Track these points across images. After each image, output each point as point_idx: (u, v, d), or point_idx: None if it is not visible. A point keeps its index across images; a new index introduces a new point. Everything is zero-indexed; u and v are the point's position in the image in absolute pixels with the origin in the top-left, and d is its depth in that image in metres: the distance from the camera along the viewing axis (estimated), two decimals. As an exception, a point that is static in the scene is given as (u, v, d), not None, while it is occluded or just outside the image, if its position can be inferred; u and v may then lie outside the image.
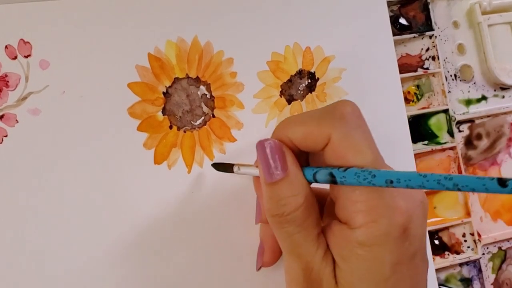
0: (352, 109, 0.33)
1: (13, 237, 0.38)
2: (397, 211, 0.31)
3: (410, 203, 0.32)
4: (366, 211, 0.30)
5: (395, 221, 0.30)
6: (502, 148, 0.54)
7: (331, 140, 0.31)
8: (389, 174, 0.28)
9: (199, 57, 0.43)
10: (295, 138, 0.33)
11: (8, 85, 0.39)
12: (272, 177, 0.32)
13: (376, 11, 0.48)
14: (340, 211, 0.32)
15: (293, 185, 0.32)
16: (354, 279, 0.31)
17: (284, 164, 0.33)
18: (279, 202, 0.32)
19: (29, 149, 0.39)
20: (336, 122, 0.32)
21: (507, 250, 0.54)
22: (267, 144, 0.33)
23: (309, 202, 0.33)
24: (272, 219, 0.33)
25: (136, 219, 0.41)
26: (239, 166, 0.38)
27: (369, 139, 0.32)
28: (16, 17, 0.39)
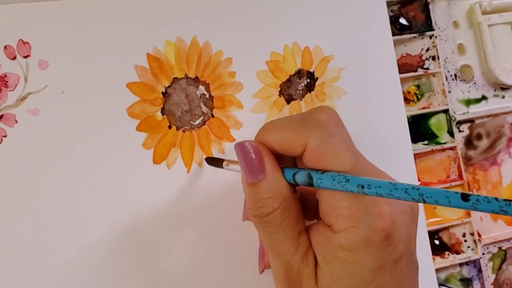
0: (328, 116, 0.33)
1: (13, 237, 0.38)
2: (379, 216, 0.31)
3: (395, 207, 0.32)
4: (347, 216, 0.31)
5: (376, 227, 0.30)
6: (502, 148, 0.54)
7: (307, 147, 0.32)
8: (361, 180, 0.29)
9: (198, 57, 0.43)
10: (274, 143, 0.34)
11: (7, 85, 0.39)
12: (252, 177, 0.33)
13: (376, 11, 0.48)
14: (323, 215, 0.33)
15: (271, 186, 0.33)
16: (334, 281, 0.31)
17: (262, 165, 0.33)
18: (257, 203, 0.33)
19: (29, 149, 0.39)
20: (311, 130, 0.32)
21: (507, 250, 0.54)
22: (245, 144, 0.34)
23: (287, 203, 0.33)
24: (253, 219, 0.33)
25: (135, 219, 0.41)
26: (228, 162, 0.38)
27: (347, 145, 0.32)
28: (15, 18, 0.39)
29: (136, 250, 0.40)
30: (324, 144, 0.31)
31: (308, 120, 0.33)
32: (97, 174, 0.40)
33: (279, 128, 0.34)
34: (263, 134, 0.34)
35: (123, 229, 0.40)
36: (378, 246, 0.31)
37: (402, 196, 0.27)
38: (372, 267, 0.31)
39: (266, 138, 0.34)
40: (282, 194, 0.33)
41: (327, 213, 0.32)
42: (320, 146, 0.31)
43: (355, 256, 0.31)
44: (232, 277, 0.42)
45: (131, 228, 0.41)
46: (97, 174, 0.40)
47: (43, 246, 0.39)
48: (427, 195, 0.26)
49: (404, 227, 0.32)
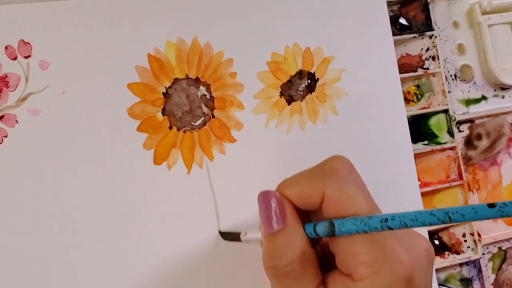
0: (343, 164, 0.33)
1: (13, 237, 0.38)
2: (400, 262, 0.30)
3: (413, 253, 0.32)
4: (368, 263, 0.30)
5: (398, 273, 0.30)
6: (502, 148, 0.54)
7: (325, 196, 0.32)
8: (383, 215, 0.29)
9: (199, 58, 0.43)
10: (292, 197, 0.34)
11: (8, 86, 0.39)
12: (271, 228, 0.33)
13: (376, 11, 0.48)
14: (341, 264, 0.32)
15: (290, 237, 0.32)
16: None
17: (283, 216, 0.33)
18: (274, 253, 0.32)
19: (29, 150, 0.39)
20: (328, 178, 0.32)
21: (507, 250, 0.54)
22: (268, 195, 0.34)
23: (306, 256, 0.32)
24: (267, 271, 0.33)
25: (135, 219, 0.41)
26: (246, 232, 0.38)
27: (363, 190, 0.32)
28: (16, 18, 0.39)
29: (136, 250, 0.40)
30: (341, 191, 0.31)
31: (322, 169, 0.33)
32: (98, 175, 0.40)
33: (295, 182, 0.34)
34: (281, 189, 0.34)
35: (123, 229, 0.40)
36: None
37: (427, 219, 0.27)
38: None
39: (284, 193, 0.34)
40: (302, 246, 0.32)
41: (346, 261, 0.31)
42: (338, 192, 0.31)
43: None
44: (232, 276, 0.42)
45: (131, 228, 0.40)
46: (98, 175, 0.40)
47: (43, 246, 0.39)
48: (452, 212, 0.26)
49: (423, 272, 0.32)
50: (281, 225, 0.32)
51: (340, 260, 0.32)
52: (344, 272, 0.32)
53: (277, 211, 0.33)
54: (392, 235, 0.31)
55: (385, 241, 0.31)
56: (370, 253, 0.30)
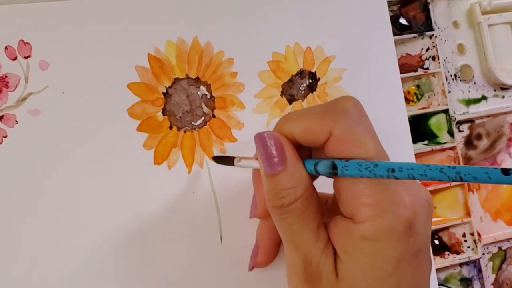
0: (354, 104, 0.33)
1: (13, 237, 0.38)
2: (402, 206, 0.30)
3: (415, 200, 0.31)
4: (371, 205, 0.30)
5: (400, 216, 0.30)
6: (502, 148, 0.54)
7: (332, 134, 0.31)
8: (391, 163, 0.28)
9: (199, 58, 0.43)
10: (296, 133, 0.33)
11: (8, 86, 0.39)
12: (271, 168, 0.32)
13: (377, 11, 0.48)
14: (344, 206, 0.32)
15: (292, 177, 0.32)
16: (357, 274, 0.31)
17: (283, 155, 0.33)
18: (278, 194, 0.32)
19: (29, 150, 0.39)
20: (337, 117, 0.32)
21: (507, 250, 0.54)
22: (265, 135, 0.33)
23: (308, 194, 0.33)
24: (272, 210, 0.33)
25: (136, 220, 0.41)
26: (239, 158, 0.38)
27: (371, 133, 0.32)
28: (16, 18, 0.39)
29: (137, 251, 0.40)
30: (349, 132, 0.31)
31: (333, 108, 0.33)
32: (98, 175, 0.40)
33: (302, 117, 0.33)
34: (284, 125, 0.34)
35: (123, 230, 0.40)
36: (401, 236, 0.30)
37: (436, 175, 0.26)
38: (395, 258, 0.30)
39: (287, 128, 0.34)
40: (304, 184, 0.32)
41: (349, 203, 0.31)
42: (346, 133, 0.31)
43: (378, 246, 0.30)
44: (233, 277, 0.42)
45: (131, 229, 0.40)
46: (98, 175, 0.40)
47: (43, 246, 0.39)
48: (464, 173, 0.25)
49: (423, 220, 0.32)
50: (281, 166, 0.32)
51: (342, 202, 0.32)
52: (346, 214, 0.32)
53: (275, 150, 0.33)
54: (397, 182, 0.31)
55: (390, 184, 0.30)
56: (373, 195, 0.30)
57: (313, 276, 0.32)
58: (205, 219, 0.42)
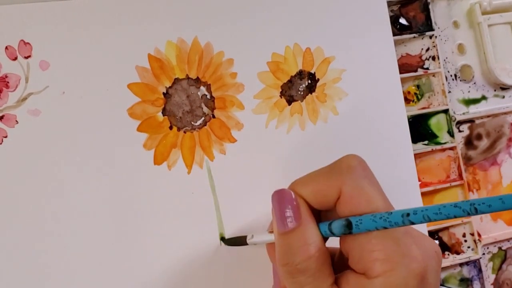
0: (359, 162, 0.33)
1: (13, 238, 0.38)
2: (414, 259, 0.31)
3: (425, 252, 0.32)
4: (384, 260, 0.30)
5: (413, 270, 0.30)
6: (502, 148, 0.54)
7: (342, 193, 0.32)
8: (404, 210, 0.29)
9: (199, 58, 0.43)
10: (307, 195, 0.34)
11: (8, 86, 0.39)
12: (285, 226, 0.32)
13: (376, 12, 0.48)
14: (355, 263, 0.32)
15: (306, 235, 0.32)
16: None
17: (298, 213, 0.33)
18: (289, 251, 0.32)
19: (29, 150, 0.39)
20: (344, 176, 0.32)
21: (507, 250, 0.54)
22: (282, 193, 0.34)
23: (321, 253, 0.32)
24: (282, 268, 0.33)
25: (135, 220, 0.41)
26: (252, 235, 0.38)
27: (378, 188, 0.33)
28: (16, 18, 0.39)
29: (136, 251, 0.40)
30: (358, 188, 0.32)
31: (339, 167, 0.33)
32: (98, 175, 0.40)
33: (311, 180, 0.34)
34: (295, 189, 0.34)
35: (123, 230, 0.40)
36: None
37: (451, 211, 0.26)
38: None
39: (298, 192, 0.34)
40: (317, 243, 0.32)
41: (361, 259, 0.31)
42: (355, 190, 0.32)
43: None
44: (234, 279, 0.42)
45: (131, 229, 0.40)
46: (98, 175, 0.40)
47: (43, 246, 0.39)
48: (478, 203, 0.25)
49: (434, 271, 0.32)
50: (296, 223, 0.32)
51: (354, 259, 0.32)
52: (358, 271, 0.32)
53: (292, 209, 0.33)
54: (406, 233, 0.31)
55: (400, 238, 0.31)
56: (386, 249, 0.30)
57: None
58: (205, 219, 0.42)
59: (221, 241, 0.42)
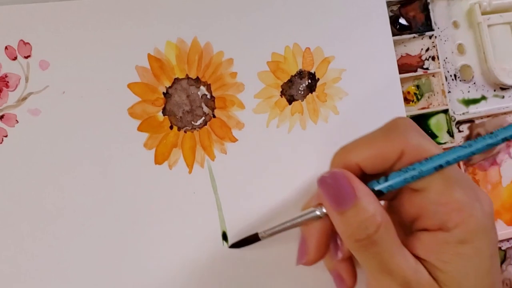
0: (411, 121, 0.35)
1: (13, 237, 0.38)
2: (485, 202, 0.32)
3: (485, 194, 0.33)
4: (459, 209, 0.31)
5: (486, 211, 0.32)
6: (502, 148, 0.54)
7: (404, 153, 0.33)
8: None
9: (199, 58, 0.43)
10: (363, 160, 0.34)
11: (8, 86, 0.39)
12: (344, 205, 0.33)
13: (376, 12, 0.48)
14: (429, 220, 0.33)
15: (367, 206, 0.32)
16: (461, 279, 0.32)
17: (352, 188, 0.33)
18: (360, 226, 0.32)
19: (29, 150, 0.39)
20: (405, 135, 0.33)
21: (507, 250, 0.54)
22: (328, 176, 0.34)
23: (386, 218, 0.33)
24: (356, 244, 0.33)
25: (136, 220, 0.41)
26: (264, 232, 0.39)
27: (436, 145, 0.34)
28: (16, 18, 0.39)
29: (137, 250, 0.40)
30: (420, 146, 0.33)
31: (396, 128, 0.34)
32: (98, 175, 0.40)
33: (367, 144, 0.35)
34: (347, 155, 0.35)
35: (124, 229, 0.40)
36: (491, 231, 0.32)
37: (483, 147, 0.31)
38: (490, 254, 0.32)
39: (351, 158, 0.34)
40: (380, 210, 0.33)
41: (436, 215, 0.32)
42: (418, 148, 0.33)
43: (476, 246, 0.31)
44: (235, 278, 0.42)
45: (132, 229, 0.40)
46: (98, 175, 0.40)
47: (43, 246, 0.39)
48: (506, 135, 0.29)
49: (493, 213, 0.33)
50: (353, 199, 0.32)
51: (427, 217, 0.33)
52: (432, 227, 0.33)
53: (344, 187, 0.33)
54: (470, 180, 0.33)
55: (467, 186, 0.32)
56: (458, 199, 0.32)
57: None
58: (206, 218, 0.42)
59: (224, 241, 0.42)
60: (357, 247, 0.33)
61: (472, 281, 0.32)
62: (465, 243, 0.31)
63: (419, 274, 0.32)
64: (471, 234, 0.31)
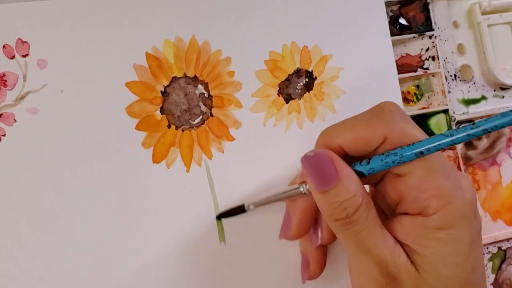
0: (397, 106, 0.35)
1: (12, 237, 0.38)
2: (466, 190, 0.32)
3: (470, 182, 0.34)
4: (439, 195, 0.32)
5: (467, 199, 0.32)
6: (502, 148, 0.54)
7: (387, 138, 0.33)
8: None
9: (197, 56, 0.43)
10: (346, 143, 0.34)
11: (6, 85, 0.39)
12: (326, 184, 0.33)
13: (374, 10, 0.48)
14: (409, 204, 0.33)
15: (349, 187, 0.33)
16: (438, 263, 0.32)
17: (334, 168, 0.33)
18: (340, 206, 0.33)
19: (27, 149, 0.39)
20: (389, 120, 0.33)
21: (507, 250, 0.53)
22: (312, 156, 0.34)
23: (367, 198, 0.33)
24: (336, 223, 0.33)
25: (134, 218, 0.41)
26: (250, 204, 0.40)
27: (420, 130, 0.34)
28: (13, 17, 0.39)
29: (135, 249, 0.40)
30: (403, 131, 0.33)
31: (380, 112, 0.34)
32: (96, 173, 0.40)
33: (351, 126, 0.35)
34: (330, 137, 0.35)
35: (122, 229, 0.40)
36: (471, 219, 0.32)
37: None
38: (469, 241, 0.32)
39: (334, 140, 0.35)
40: (361, 190, 0.33)
41: (416, 199, 0.32)
42: (400, 133, 0.33)
43: (453, 232, 0.32)
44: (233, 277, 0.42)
45: (129, 227, 0.40)
46: (96, 173, 0.40)
47: (42, 245, 0.39)
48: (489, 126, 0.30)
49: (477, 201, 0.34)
50: (336, 179, 0.33)
51: (408, 201, 0.33)
52: (413, 211, 0.33)
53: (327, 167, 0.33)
54: (453, 168, 0.33)
55: (450, 172, 0.32)
56: (439, 185, 0.32)
57: (391, 277, 0.33)
58: (203, 217, 0.42)
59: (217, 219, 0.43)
60: (337, 226, 0.34)
61: (448, 267, 0.32)
62: (444, 229, 0.32)
63: (397, 256, 0.33)
64: (450, 221, 0.32)
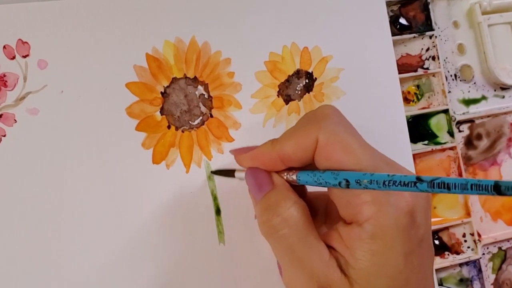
0: (333, 110, 0.34)
1: (12, 237, 0.38)
2: (401, 197, 0.31)
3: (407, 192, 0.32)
4: (372, 201, 0.30)
5: (402, 208, 0.30)
6: (502, 148, 0.54)
7: (318, 141, 0.32)
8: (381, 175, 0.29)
9: (197, 57, 0.43)
10: (289, 150, 0.34)
11: (7, 85, 0.39)
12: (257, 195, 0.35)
13: (375, 11, 0.48)
14: (344, 210, 0.32)
15: (280, 193, 0.34)
16: (371, 277, 0.31)
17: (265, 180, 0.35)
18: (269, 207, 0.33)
19: (28, 149, 0.39)
20: (320, 123, 0.33)
21: (507, 250, 0.53)
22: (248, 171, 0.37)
23: (299, 205, 0.33)
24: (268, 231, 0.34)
25: (134, 219, 0.41)
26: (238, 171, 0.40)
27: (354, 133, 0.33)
28: (14, 18, 0.39)
29: (134, 250, 0.41)
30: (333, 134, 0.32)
31: (314, 116, 0.34)
32: (96, 174, 0.40)
33: (290, 133, 0.35)
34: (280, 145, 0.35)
35: (121, 228, 0.40)
36: (406, 229, 0.30)
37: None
38: (404, 253, 0.31)
39: (282, 148, 0.35)
40: (293, 197, 0.33)
41: (349, 205, 0.32)
42: (331, 136, 0.32)
43: (387, 243, 0.30)
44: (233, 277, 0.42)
45: (130, 228, 0.41)
46: (96, 174, 0.40)
47: (42, 245, 0.39)
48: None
49: (423, 208, 0.32)
50: (270, 186, 0.34)
51: (342, 206, 0.33)
52: (348, 218, 0.32)
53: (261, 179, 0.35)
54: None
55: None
56: (372, 192, 0.30)
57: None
58: (203, 218, 0.42)
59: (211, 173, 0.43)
60: (267, 229, 0.34)
61: (383, 280, 0.31)
62: (376, 239, 0.30)
63: (330, 269, 0.32)
64: (382, 229, 0.30)
